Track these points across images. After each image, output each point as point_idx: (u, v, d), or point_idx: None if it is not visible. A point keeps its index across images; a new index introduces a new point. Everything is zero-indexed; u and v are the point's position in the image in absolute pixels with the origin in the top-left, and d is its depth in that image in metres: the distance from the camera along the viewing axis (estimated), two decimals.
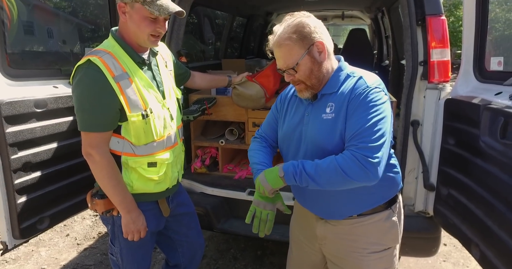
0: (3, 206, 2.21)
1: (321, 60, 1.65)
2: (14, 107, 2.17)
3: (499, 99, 1.94)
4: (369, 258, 1.80)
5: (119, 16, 1.82)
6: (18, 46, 2.62)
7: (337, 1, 5.22)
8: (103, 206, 1.96)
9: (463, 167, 2.20)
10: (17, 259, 3.69)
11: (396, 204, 1.83)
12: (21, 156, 2.24)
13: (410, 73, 2.56)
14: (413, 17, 2.52)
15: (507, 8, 2.38)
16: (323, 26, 1.69)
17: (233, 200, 3.05)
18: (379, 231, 1.79)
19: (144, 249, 2.17)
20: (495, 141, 1.82)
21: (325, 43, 1.64)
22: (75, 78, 1.79)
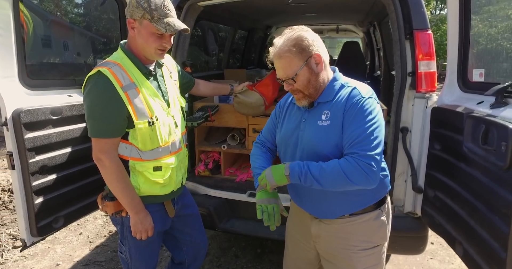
0: (22, 206, 2.23)
1: (318, 71, 1.69)
2: (32, 115, 2.20)
3: (480, 108, 1.96)
4: (359, 254, 1.82)
5: (128, 30, 1.84)
6: (36, 58, 2.63)
7: (332, 16, 5.24)
8: (113, 208, 1.98)
9: (448, 171, 2.20)
10: (34, 255, 3.69)
11: (385, 204, 1.85)
12: (38, 160, 2.26)
13: (400, 83, 2.57)
14: (402, 31, 2.53)
15: (488, 24, 2.41)
16: (320, 39, 1.73)
17: (235, 201, 3.05)
18: (369, 229, 1.81)
19: (151, 248, 2.17)
20: (477, 146, 1.82)
21: (322, 55, 1.68)
22: (86, 88, 1.80)
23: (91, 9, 3.51)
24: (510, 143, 1.53)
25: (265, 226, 1.87)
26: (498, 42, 2.37)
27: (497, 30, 2.38)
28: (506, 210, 1.56)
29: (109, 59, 1.88)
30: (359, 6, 4.03)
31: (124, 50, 1.90)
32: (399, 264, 3.49)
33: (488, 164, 1.74)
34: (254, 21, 5.52)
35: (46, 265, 3.52)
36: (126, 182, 1.91)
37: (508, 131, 1.54)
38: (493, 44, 2.45)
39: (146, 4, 1.74)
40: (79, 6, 3.60)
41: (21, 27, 2.20)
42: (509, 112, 1.74)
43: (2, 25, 2.08)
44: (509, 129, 1.54)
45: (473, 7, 2.23)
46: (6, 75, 2.14)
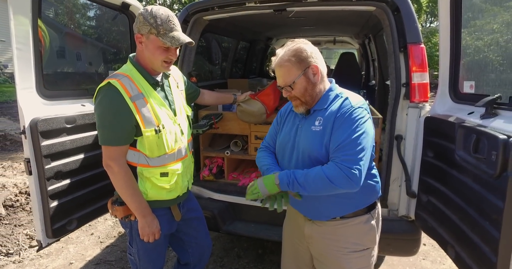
0: (38, 209, 2.22)
1: (315, 81, 1.72)
2: (48, 124, 2.20)
3: (471, 118, 1.96)
4: (349, 256, 1.82)
5: (137, 44, 1.85)
6: (52, 70, 2.64)
7: (330, 28, 5.24)
8: (122, 212, 1.97)
9: (441, 177, 2.20)
10: (49, 254, 3.68)
11: (375, 210, 1.86)
12: (54, 166, 2.26)
13: (394, 93, 2.57)
14: (396, 45, 2.54)
15: (476, 36, 2.42)
16: (319, 52, 1.75)
17: (237, 204, 3.04)
18: (359, 232, 1.82)
19: (158, 250, 2.16)
20: (468, 154, 1.82)
21: (319, 67, 1.71)
22: (97, 98, 1.81)
23: (102, 23, 3.51)
24: (500, 152, 1.53)
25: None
26: (485, 54, 2.37)
27: (483, 43, 2.38)
28: (497, 216, 1.55)
29: (118, 71, 1.89)
30: (355, 20, 4.04)
31: (132, 63, 1.91)
32: (393, 265, 3.48)
33: (479, 171, 1.74)
34: (255, 33, 5.53)
35: (60, 263, 3.50)
36: (134, 187, 1.90)
37: (499, 142, 1.54)
38: (480, 56, 2.45)
39: (152, 20, 1.75)
40: (91, 19, 3.60)
41: (39, 41, 2.20)
42: (499, 123, 1.74)
43: (22, 40, 2.10)
44: (499, 139, 1.54)
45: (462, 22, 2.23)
46: (24, 87, 2.15)
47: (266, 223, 3.04)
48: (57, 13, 2.81)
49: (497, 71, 2.11)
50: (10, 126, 9.70)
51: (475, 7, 2.33)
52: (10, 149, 7.67)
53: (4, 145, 7.95)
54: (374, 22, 3.76)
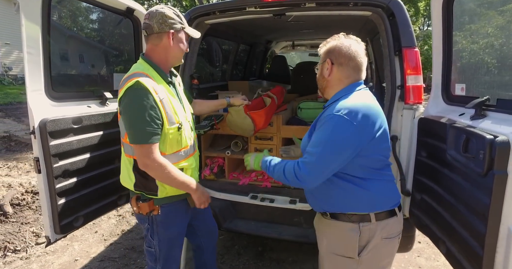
0: (46, 206, 2.28)
1: (325, 75, 1.85)
2: (56, 124, 2.26)
3: (462, 120, 2.02)
4: (330, 257, 1.89)
5: (163, 43, 1.94)
6: (60, 73, 2.70)
7: (328, 32, 5.24)
8: (147, 208, 2.03)
9: (433, 176, 2.25)
10: (55, 251, 3.75)
11: (368, 225, 1.75)
12: (61, 165, 2.32)
13: (390, 95, 2.62)
14: (392, 49, 2.59)
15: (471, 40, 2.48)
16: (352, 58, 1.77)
17: (238, 203, 3.08)
18: (338, 236, 1.83)
19: (180, 239, 2.27)
20: (458, 154, 1.87)
21: (334, 66, 1.80)
22: (127, 98, 1.81)
23: (107, 27, 3.58)
24: (487, 151, 1.59)
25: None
26: (480, 57, 2.43)
27: (479, 46, 2.45)
28: (484, 211, 1.61)
29: (136, 70, 1.90)
30: (352, 24, 4.09)
31: (147, 61, 1.97)
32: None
33: (468, 170, 1.79)
34: (256, 37, 5.57)
35: (66, 260, 3.57)
36: (176, 172, 1.95)
37: (486, 141, 1.60)
38: (475, 58, 2.51)
39: (177, 18, 1.95)
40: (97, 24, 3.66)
41: (48, 46, 2.26)
42: (487, 124, 1.80)
43: (32, 44, 2.15)
44: (486, 139, 1.60)
45: (457, 25, 2.29)
46: (34, 89, 2.20)
47: (265, 221, 3.10)
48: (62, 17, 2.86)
49: (489, 74, 2.17)
50: (15, 127, 9.77)
51: (471, 11, 2.39)
52: (15, 150, 7.73)
53: (9, 145, 8.01)
54: (371, 26, 3.81)
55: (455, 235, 1.92)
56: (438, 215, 2.14)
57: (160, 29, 1.90)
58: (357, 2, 2.71)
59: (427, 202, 2.31)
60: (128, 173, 2.04)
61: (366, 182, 1.75)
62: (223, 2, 3.07)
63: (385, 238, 1.78)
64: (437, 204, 2.18)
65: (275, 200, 2.98)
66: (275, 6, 2.87)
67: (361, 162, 1.71)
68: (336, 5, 2.81)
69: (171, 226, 2.15)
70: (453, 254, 1.93)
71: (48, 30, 2.25)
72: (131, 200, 2.09)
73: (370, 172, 1.76)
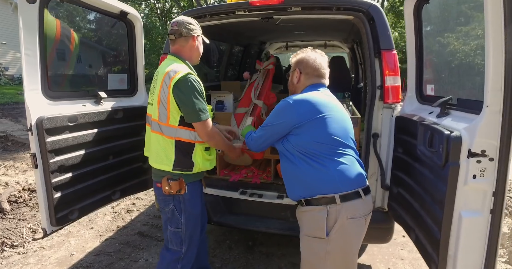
0: (43, 200, 2.44)
1: (294, 81, 2.30)
2: (52, 122, 2.43)
3: (430, 117, 2.19)
4: (303, 238, 2.13)
5: (189, 45, 2.37)
6: (56, 73, 2.86)
7: (319, 33, 5.45)
8: (178, 186, 2.32)
9: (407, 170, 2.42)
10: (52, 246, 3.91)
11: (335, 206, 1.97)
12: (57, 160, 2.48)
13: (370, 95, 2.78)
14: (372, 51, 2.75)
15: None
16: (317, 68, 2.24)
17: (228, 198, 3.24)
18: (309, 219, 2.08)
19: (201, 216, 2.61)
20: (425, 149, 2.05)
21: (302, 75, 2.26)
22: (184, 87, 2.19)
23: (103, 29, 3.74)
24: (445, 145, 1.76)
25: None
26: (450, 59, 2.60)
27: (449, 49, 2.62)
28: (441, 198, 1.79)
29: (176, 65, 2.28)
30: (341, 26, 4.25)
31: (180, 58, 2.37)
32: (373, 254, 3.71)
33: (432, 163, 1.98)
34: (249, 38, 5.73)
35: (62, 254, 3.73)
36: (224, 138, 2.50)
37: (444, 136, 1.78)
38: (444, 61, 2.68)
39: (198, 26, 2.43)
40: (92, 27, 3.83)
41: (44, 48, 2.44)
42: (448, 121, 1.98)
43: (29, 46, 2.32)
44: (445, 134, 1.78)
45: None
46: (31, 88, 2.37)
47: (254, 215, 3.27)
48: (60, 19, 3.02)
49: (454, 76, 2.35)
50: (12, 127, 9.92)
51: (440, 17, 2.57)
52: (11, 149, 7.88)
53: (6, 145, 8.16)
54: (357, 29, 3.98)
55: (422, 223, 2.10)
56: (410, 206, 2.32)
57: (187, 34, 2.34)
58: (339, 6, 2.86)
59: (402, 195, 2.48)
60: (167, 155, 2.31)
61: (328, 163, 2.01)
62: (213, 6, 3.25)
63: (350, 218, 1.99)
64: (410, 196, 2.35)
65: (264, 195, 3.15)
66: (262, 9, 3.04)
67: (315, 142, 2.02)
68: (320, 9, 2.96)
69: (197, 203, 2.48)
70: (420, 240, 2.11)
71: (43, 32, 2.42)
72: (163, 181, 2.33)
73: (328, 153, 2.02)
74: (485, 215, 1.69)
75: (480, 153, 1.65)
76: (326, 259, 2.02)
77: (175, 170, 2.31)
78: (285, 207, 3.11)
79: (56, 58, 2.79)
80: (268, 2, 2.93)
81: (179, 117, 2.25)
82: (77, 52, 3.10)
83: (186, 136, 2.28)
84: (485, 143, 1.63)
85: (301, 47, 7.45)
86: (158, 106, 2.27)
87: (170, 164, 2.30)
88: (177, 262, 2.47)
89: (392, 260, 3.62)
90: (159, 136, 2.32)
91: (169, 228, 2.46)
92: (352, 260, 2.13)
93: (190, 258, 2.53)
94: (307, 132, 2.03)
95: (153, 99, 2.35)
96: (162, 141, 2.31)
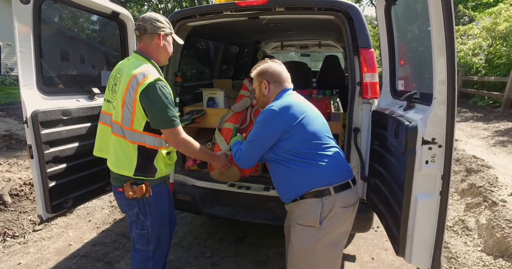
0: (39, 188, 2.60)
1: (264, 93, 2.38)
2: (47, 115, 2.58)
3: (398, 111, 2.33)
4: (296, 227, 2.21)
5: (155, 43, 2.26)
6: (50, 70, 3.02)
7: (312, 33, 5.58)
8: (142, 190, 2.25)
9: (381, 162, 2.54)
10: (51, 237, 4.09)
11: (329, 198, 2.10)
12: (52, 151, 2.64)
13: (351, 91, 2.92)
14: (351, 49, 2.87)
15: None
16: (280, 74, 2.36)
17: (217, 190, 3.39)
18: (304, 210, 2.16)
19: (167, 218, 2.52)
20: (393, 140, 2.19)
21: (270, 84, 2.35)
22: (153, 92, 2.09)
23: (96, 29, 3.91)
24: (404, 135, 1.90)
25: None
26: (418, 55, 2.72)
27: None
28: (402, 183, 1.93)
29: (145, 67, 2.17)
30: (330, 25, 4.37)
31: (148, 60, 2.26)
32: (359, 245, 3.85)
33: (397, 152, 2.11)
34: (243, 38, 5.86)
35: (61, 245, 3.90)
36: (198, 146, 2.36)
37: (404, 126, 1.92)
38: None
39: (168, 24, 2.33)
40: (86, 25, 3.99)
41: (38, 45, 2.60)
42: (412, 113, 2.12)
43: (24, 44, 2.49)
44: (404, 125, 1.92)
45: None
46: (26, 83, 2.54)
47: (242, 207, 3.41)
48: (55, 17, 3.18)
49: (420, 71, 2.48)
50: (16, 126, 10.10)
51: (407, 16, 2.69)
52: (15, 148, 8.04)
53: (10, 143, 8.32)
54: None
55: (390, 209, 2.24)
56: (383, 194, 2.44)
57: (152, 31, 2.24)
58: (320, 7, 2.99)
59: (377, 185, 2.60)
60: (129, 159, 2.22)
61: (318, 159, 2.13)
62: (201, 6, 3.40)
63: (343, 207, 2.13)
64: (383, 185, 2.48)
65: (251, 187, 3.30)
66: (248, 10, 3.17)
67: (302, 142, 2.12)
68: (302, 9, 3.09)
69: (162, 204, 2.42)
70: (389, 225, 2.25)
71: (38, 31, 2.58)
72: (125, 186, 2.25)
73: (316, 149, 2.15)
74: (435, 196, 1.84)
75: (431, 141, 1.79)
76: (316, 246, 2.14)
77: (137, 176, 2.24)
78: (271, 198, 3.25)
79: (51, 56, 2.95)
80: (253, 2, 3.07)
81: (145, 122, 2.17)
82: (71, 51, 3.26)
83: (151, 142, 2.22)
84: (435, 131, 1.78)
85: (297, 47, 7.65)
86: (122, 109, 2.16)
87: (132, 169, 2.21)
88: (148, 260, 2.44)
89: (376, 251, 3.76)
90: (121, 139, 2.21)
91: (134, 230, 2.41)
92: (340, 246, 2.26)
93: (160, 255, 2.52)
94: (296, 134, 2.12)
95: (114, 99, 2.23)
96: (124, 145, 2.22)
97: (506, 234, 3.40)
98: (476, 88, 13.48)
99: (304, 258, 2.19)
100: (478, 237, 3.84)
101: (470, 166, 5.56)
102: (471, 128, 9.19)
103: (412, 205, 1.90)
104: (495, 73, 12.45)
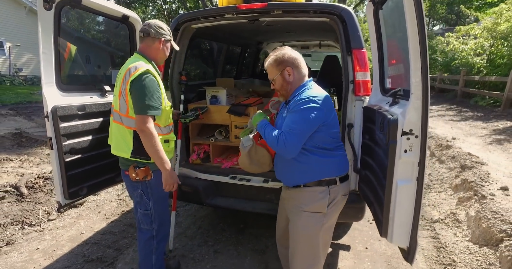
0: (58, 177, 2.85)
1: (289, 80, 2.32)
2: (65, 110, 2.82)
3: (385, 106, 2.54)
4: (301, 214, 2.37)
5: (155, 46, 2.56)
6: (68, 69, 3.27)
7: (312, 33, 5.77)
8: (144, 173, 2.52)
9: (371, 154, 2.72)
10: (64, 226, 4.35)
11: (335, 187, 2.31)
12: (69, 143, 2.87)
13: (345, 89, 3.11)
14: (345, 49, 3.06)
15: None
16: (299, 58, 2.34)
17: (219, 182, 3.60)
18: (311, 198, 2.33)
19: (167, 200, 2.77)
20: (380, 133, 2.39)
21: (294, 70, 2.30)
22: (141, 81, 2.34)
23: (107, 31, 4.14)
24: (387, 127, 2.12)
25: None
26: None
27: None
28: (385, 171, 2.15)
29: (140, 62, 2.44)
30: (328, 27, 4.57)
31: (144, 57, 2.55)
32: (353, 236, 4.05)
33: (383, 144, 2.31)
34: (245, 38, 6.06)
35: (73, 233, 4.15)
36: (160, 147, 2.44)
37: (387, 120, 2.13)
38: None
39: (168, 31, 2.63)
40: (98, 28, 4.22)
41: (58, 48, 2.84)
42: (395, 108, 2.33)
43: (46, 46, 2.75)
44: (387, 118, 2.13)
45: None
46: (47, 82, 2.79)
47: (242, 198, 3.62)
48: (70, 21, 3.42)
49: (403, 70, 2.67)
50: (26, 125, 10.37)
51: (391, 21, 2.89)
52: (25, 145, 8.29)
53: (21, 141, 8.56)
54: None
55: (377, 196, 2.44)
56: (372, 184, 2.64)
57: (155, 35, 2.54)
58: (316, 10, 3.20)
59: (368, 176, 2.79)
60: (126, 143, 2.49)
61: (333, 151, 2.32)
62: (205, 9, 3.63)
63: (343, 195, 2.39)
64: (372, 176, 2.67)
65: (251, 179, 3.51)
66: (249, 13, 3.37)
67: (329, 135, 2.27)
68: (299, 12, 3.30)
69: (162, 186, 2.59)
70: (376, 212, 2.45)
71: (58, 34, 2.83)
72: (129, 168, 2.53)
73: (335, 143, 2.35)
74: (413, 182, 2.06)
75: (409, 132, 2.01)
76: (321, 230, 2.35)
77: (133, 157, 2.49)
78: (270, 190, 3.45)
79: (69, 57, 3.19)
80: (253, 6, 3.28)
81: None
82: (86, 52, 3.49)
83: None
84: (412, 123, 2.00)
85: (298, 47, 7.84)
86: (119, 98, 2.45)
87: (129, 151, 2.49)
88: (152, 239, 2.71)
89: (370, 241, 3.97)
90: (120, 125, 2.50)
91: (139, 211, 2.68)
92: (333, 229, 2.52)
93: (164, 235, 2.79)
94: (326, 128, 2.22)
95: (116, 91, 2.53)
96: (122, 130, 2.50)
97: (491, 224, 3.61)
98: (477, 88, 13.62)
99: (308, 241, 2.40)
100: (467, 228, 4.04)
101: (464, 162, 5.75)
102: (469, 127, 9.35)
103: (394, 190, 2.12)
104: (496, 73, 12.59)
